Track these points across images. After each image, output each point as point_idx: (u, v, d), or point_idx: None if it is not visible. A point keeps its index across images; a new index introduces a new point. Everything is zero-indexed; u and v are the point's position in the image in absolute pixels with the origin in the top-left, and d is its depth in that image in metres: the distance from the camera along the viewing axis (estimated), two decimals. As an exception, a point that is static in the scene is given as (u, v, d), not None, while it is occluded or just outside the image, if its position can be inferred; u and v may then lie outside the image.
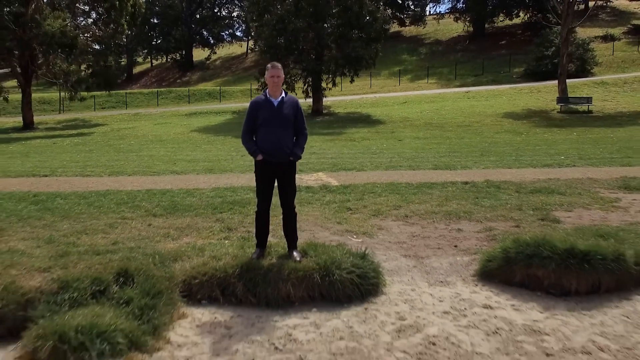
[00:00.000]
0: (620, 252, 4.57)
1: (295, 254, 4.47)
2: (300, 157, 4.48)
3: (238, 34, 79.51)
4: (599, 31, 51.39)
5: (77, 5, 23.92)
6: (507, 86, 35.01)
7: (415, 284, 4.70)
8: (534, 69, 40.06)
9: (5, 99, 25.59)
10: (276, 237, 5.12)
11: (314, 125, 22.67)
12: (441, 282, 4.75)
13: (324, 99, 29.12)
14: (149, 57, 74.52)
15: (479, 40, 55.67)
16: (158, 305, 3.86)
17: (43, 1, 23.54)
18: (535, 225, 5.87)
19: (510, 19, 53.95)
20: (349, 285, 4.29)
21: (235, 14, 79.17)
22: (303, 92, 27.43)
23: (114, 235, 5.40)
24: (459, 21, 59.11)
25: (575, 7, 63.50)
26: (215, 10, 76.74)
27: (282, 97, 4.42)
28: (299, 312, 4.18)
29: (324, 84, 27.54)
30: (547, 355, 3.65)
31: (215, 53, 73.56)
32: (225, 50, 78.15)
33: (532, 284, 4.58)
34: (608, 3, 63.50)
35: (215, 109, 32.19)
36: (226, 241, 5.13)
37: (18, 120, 28.18)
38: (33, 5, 23.51)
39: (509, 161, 11.74)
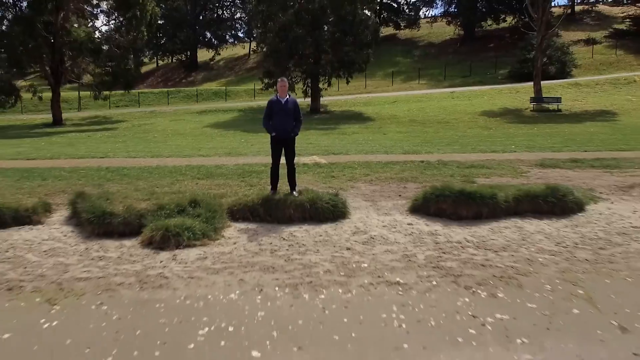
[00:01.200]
0: (494, 194, 7.34)
1: (294, 192, 7.25)
2: (297, 134, 7.25)
3: (240, 34, 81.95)
4: (582, 35, 53.66)
5: (101, 14, 26.58)
6: (490, 87, 37.62)
7: (369, 214, 7.45)
8: (518, 70, 42.50)
9: (40, 98, 28.41)
10: (282, 191, 7.84)
11: (311, 122, 25.35)
12: (385, 213, 7.51)
13: (322, 99, 31.82)
14: (155, 57, 77.17)
15: (469, 43, 58.09)
16: (216, 217, 6.63)
17: (70, 11, 26.24)
18: (456, 185, 8.62)
19: (498, 24, 56.59)
20: (326, 211, 7.06)
21: (237, 15, 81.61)
22: (302, 92, 30.20)
23: (176, 188, 8.17)
24: (451, 24, 61.71)
25: (563, 12, 66.15)
26: (219, 13, 79.29)
27: (287, 98, 7.17)
28: (296, 225, 6.94)
29: (321, 85, 30.31)
30: (436, 243, 6.43)
31: (220, 54, 76.17)
32: (229, 52, 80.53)
33: (440, 213, 7.34)
34: (593, 8, 66.01)
35: (222, 107, 34.93)
36: (250, 190, 7.90)
37: (46, 117, 30.92)
38: (62, 15, 26.21)
39: (467, 149, 14.48)
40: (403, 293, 5.09)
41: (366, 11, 28.94)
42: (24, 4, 23.62)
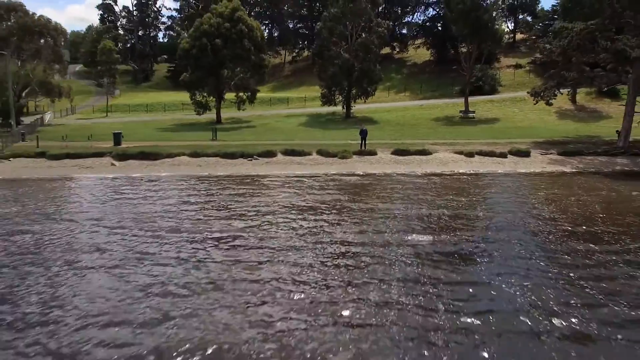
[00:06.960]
0: (408, 148, 31.41)
1: (365, 149, 31.50)
2: (367, 134, 31.49)
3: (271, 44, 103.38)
4: (514, 61, 75.16)
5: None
6: (444, 101, 60.13)
7: (381, 154, 31.59)
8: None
9: (217, 109, 52.18)
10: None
11: (347, 123, 48.68)
12: (384, 154, 31.58)
13: (352, 109, 55.43)
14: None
15: (440, 65, 79.94)
16: (350, 153, 30.82)
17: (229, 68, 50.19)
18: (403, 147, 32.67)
19: (456, 52, 78.70)
20: (372, 152, 31.27)
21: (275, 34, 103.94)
22: (342, 106, 53.99)
23: (337, 148, 32.18)
24: (429, 50, 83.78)
25: (507, 38, 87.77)
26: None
27: (365, 128, 31.35)
28: (367, 156, 31.06)
29: (352, 103, 54.12)
30: (395, 158, 30.52)
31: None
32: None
33: (398, 154, 31.37)
34: (529, 37, 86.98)
35: (295, 112, 57.69)
36: (352, 147, 31.99)
37: (208, 117, 54.31)
38: (226, 69, 49.97)
39: (414, 138, 38.11)
40: (385, 162, 29.30)
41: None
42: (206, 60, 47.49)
